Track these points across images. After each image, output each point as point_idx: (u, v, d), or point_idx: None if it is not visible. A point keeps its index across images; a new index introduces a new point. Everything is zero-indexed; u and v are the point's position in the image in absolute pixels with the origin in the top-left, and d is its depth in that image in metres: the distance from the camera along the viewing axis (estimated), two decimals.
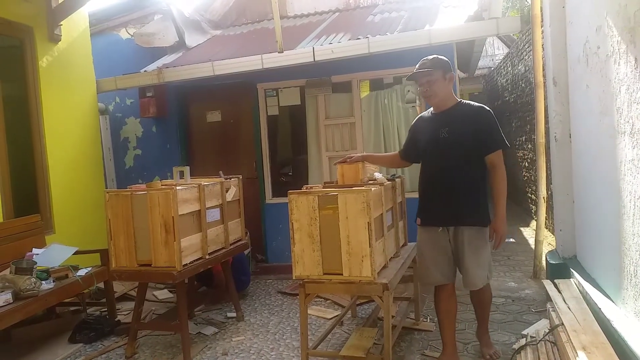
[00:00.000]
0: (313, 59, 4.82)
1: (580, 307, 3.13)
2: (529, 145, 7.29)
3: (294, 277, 2.98)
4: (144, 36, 6.02)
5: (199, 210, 3.69)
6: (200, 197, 3.69)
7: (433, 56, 2.99)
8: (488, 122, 2.89)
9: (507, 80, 9.49)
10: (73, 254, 4.10)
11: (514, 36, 10.85)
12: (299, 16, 6.95)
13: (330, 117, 5.62)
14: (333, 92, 5.56)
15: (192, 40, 6.28)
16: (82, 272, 3.97)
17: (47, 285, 3.62)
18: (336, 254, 2.86)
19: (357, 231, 2.80)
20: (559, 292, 3.53)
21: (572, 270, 3.76)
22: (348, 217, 2.82)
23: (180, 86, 5.95)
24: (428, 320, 3.84)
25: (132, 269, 3.47)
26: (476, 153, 2.88)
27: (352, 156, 3.43)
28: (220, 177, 4.20)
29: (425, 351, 3.31)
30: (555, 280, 3.76)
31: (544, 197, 4.68)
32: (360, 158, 3.41)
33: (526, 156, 7.71)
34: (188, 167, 4.22)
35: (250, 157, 5.98)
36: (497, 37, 12.82)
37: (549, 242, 5.57)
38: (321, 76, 5.51)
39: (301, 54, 4.88)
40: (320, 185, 3.44)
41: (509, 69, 9.18)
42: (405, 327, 3.66)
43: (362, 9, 6.69)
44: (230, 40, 6.38)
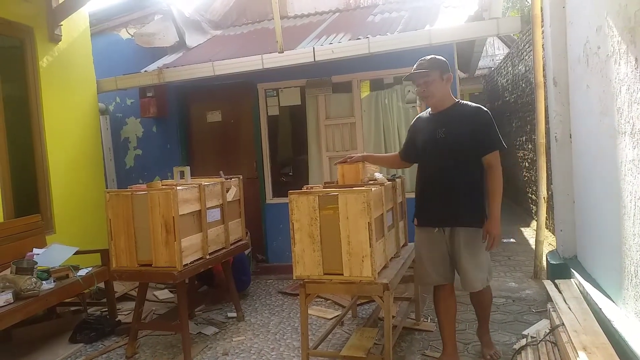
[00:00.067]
0: (313, 59, 4.82)
1: (581, 307, 3.13)
2: (530, 146, 7.29)
3: (294, 277, 2.98)
4: (144, 36, 6.02)
5: (200, 210, 3.70)
6: (200, 197, 3.70)
7: (431, 56, 2.98)
8: (485, 122, 2.88)
9: (507, 81, 9.49)
10: (73, 254, 4.10)
11: (514, 36, 10.84)
12: (299, 16, 6.95)
13: (331, 117, 5.62)
14: (333, 92, 5.57)
15: (193, 40, 6.28)
16: (82, 272, 3.98)
17: (48, 285, 3.63)
18: (336, 254, 2.86)
19: (357, 231, 2.80)
20: (560, 292, 3.53)
21: (572, 270, 3.76)
22: (348, 217, 2.82)
23: (181, 86, 5.95)
24: (429, 321, 3.84)
25: (132, 269, 3.47)
26: (473, 153, 2.87)
27: (353, 156, 3.42)
28: (220, 177, 4.20)
29: (426, 351, 3.31)
30: (556, 281, 3.76)
31: (544, 197, 4.68)
32: (360, 158, 3.40)
33: (526, 156, 7.71)
34: (188, 167, 4.21)
35: (250, 157, 5.98)
36: (498, 37, 12.82)
37: (549, 242, 5.57)
38: (321, 76, 5.52)
39: (301, 54, 4.89)
40: (320, 186, 3.44)
41: (509, 69, 9.17)
42: (406, 327, 3.66)
43: (363, 9, 6.69)
44: (231, 41, 6.38)
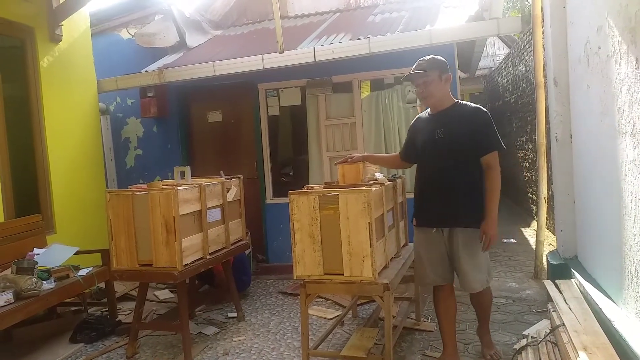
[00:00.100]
0: (314, 59, 4.82)
1: (581, 307, 3.13)
2: (530, 146, 7.29)
3: (294, 277, 2.98)
4: (144, 36, 6.02)
5: (200, 210, 3.70)
6: (201, 197, 3.70)
7: (430, 57, 2.97)
8: (484, 122, 2.86)
9: (507, 81, 9.49)
10: (74, 254, 4.10)
11: (514, 36, 10.85)
12: (299, 16, 6.95)
13: (331, 117, 5.62)
14: (334, 92, 5.57)
15: (193, 40, 6.29)
16: (83, 272, 3.98)
17: (48, 285, 3.63)
18: (337, 254, 2.86)
19: (357, 231, 2.80)
20: (560, 292, 3.53)
21: (573, 270, 3.76)
22: (349, 217, 2.82)
23: (181, 86, 5.95)
24: (429, 321, 3.84)
25: (133, 269, 3.47)
26: (472, 154, 2.85)
27: (353, 156, 3.42)
28: (221, 177, 4.20)
29: (426, 351, 3.31)
30: (556, 281, 3.76)
31: (544, 197, 4.68)
32: (361, 158, 3.40)
33: (527, 156, 7.71)
34: (189, 167, 4.22)
35: (251, 157, 5.98)
36: (498, 37, 12.83)
37: (549, 242, 5.57)
38: (322, 76, 5.52)
39: (302, 54, 4.89)
40: (321, 186, 3.44)
41: (510, 69, 9.17)
42: (406, 328, 3.66)
43: (363, 9, 6.69)
44: (231, 41, 6.38)
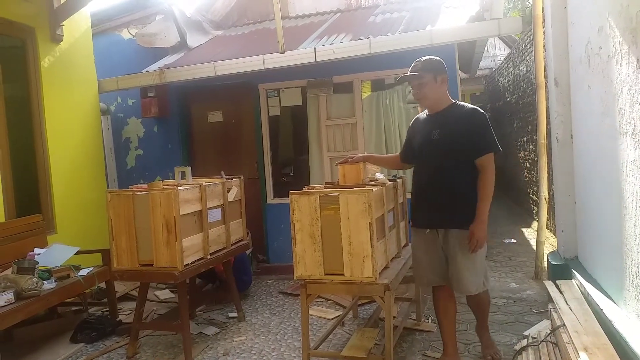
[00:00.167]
0: (314, 60, 4.83)
1: (582, 308, 3.13)
2: (531, 146, 7.28)
3: (295, 278, 2.98)
4: (145, 36, 6.03)
5: (201, 210, 3.70)
6: (201, 198, 3.70)
7: (425, 58, 2.96)
8: (480, 124, 2.84)
9: (508, 81, 9.48)
10: (75, 254, 4.10)
11: (515, 37, 10.85)
12: (300, 16, 6.96)
13: (332, 118, 5.62)
14: (334, 93, 5.57)
15: (194, 40, 6.29)
16: (83, 272, 3.98)
17: (49, 285, 3.63)
18: (337, 254, 2.86)
19: (358, 231, 2.80)
20: (561, 292, 3.53)
21: (573, 271, 3.76)
22: (349, 217, 2.82)
23: (182, 86, 5.95)
24: (429, 321, 3.84)
25: (133, 269, 3.47)
26: (467, 155, 2.84)
27: (354, 156, 3.42)
28: (221, 177, 4.20)
29: (427, 352, 3.31)
30: (557, 281, 3.75)
31: (545, 197, 4.68)
32: (361, 158, 3.40)
33: (528, 157, 7.70)
34: (190, 167, 4.22)
35: (251, 157, 5.98)
36: (499, 37, 12.81)
37: (550, 242, 5.56)
38: (323, 76, 5.52)
39: (303, 55, 4.89)
40: (321, 186, 3.44)
41: (511, 69, 9.17)
42: (407, 328, 3.66)
43: (364, 10, 6.70)
44: (232, 41, 6.39)
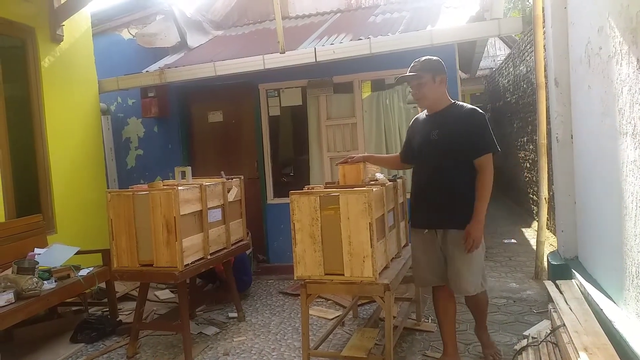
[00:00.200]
0: (315, 60, 4.83)
1: (582, 308, 3.13)
2: (531, 146, 7.28)
3: (295, 278, 2.98)
4: (145, 36, 6.03)
5: (201, 210, 3.70)
6: (201, 198, 3.70)
7: (424, 58, 2.96)
8: (479, 124, 2.84)
9: (508, 81, 9.48)
10: (75, 254, 4.10)
11: (515, 37, 10.85)
12: (300, 17, 6.96)
13: (332, 118, 5.62)
14: (334, 93, 5.57)
15: (194, 40, 6.29)
16: (83, 272, 3.98)
17: (49, 285, 3.63)
18: (337, 254, 2.86)
19: (358, 232, 2.80)
20: (561, 293, 3.53)
21: (573, 271, 3.76)
22: (349, 217, 2.82)
23: (182, 86, 5.96)
24: (429, 321, 3.84)
25: (133, 269, 3.47)
26: (466, 155, 2.83)
27: (354, 157, 3.42)
28: (221, 177, 4.20)
29: (427, 352, 3.31)
30: (557, 281, 3.75)
31: (545, 197, 4.68)
32: (361, 158, 3.39)
33: (528, 157, 7.70)
34: (190, 167, 4.22)
35: (251, 157, 5.98)
36: (499, 37, 12.81)
37: (550, 242, 5.56)
38: (323, 77, 5.52)
39: (303, 55, 4.89)
40: (321, 186, 3.44)
41: (511, 69, 9.17)
42: (407, 328, 3.66)
43: (364, 10, 6.70)
44: (232, 41, 6.39)
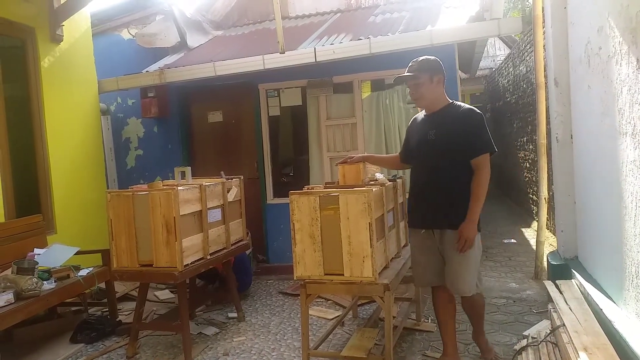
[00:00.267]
0: (314, 60, 4.83)
1: (582, 308, 3.13)
2: (531, 146, 7.28)
3: (295, 278, 2.98)
4: (145, 37, 6.03)
5: (201, 210, 3.70)
6: (201, 198, 3.70)
7: (422, 58, 2.95)
8: (476, 124, 2.83)
9: (508, 81, 9.48)
10: (74, 254, 4.10)
11: (515, 37, 10.85)
12: (300, 17, 6.95)
13: (332, 118, 5.62)
14: (334, 93, 5.57)
15: (194, 40, 6.29)
16: (83, 272, 3.98)
17: (49, 285, 3.63)
18: (337, 254, 2.86)
19: (358, 231, 2.80)
20: (561, 292, 3.53)
21: (573, 271, 3.76)
22: (349, 217, 2.82)
23: (182, 86, 5.96)
24: (429, 321, 3.84)
25: (133, 269, 3.47)
26: (463, 155, 2.82)
27: (353, 157, 3.41)
28: (221, 177, 4.20)
29: (427, 352, 3.31)
30: (557, 281, 3.75)
31: (545, 197, 4.68)
32: (361, 158, 3.39)
33: (527, 157, 7.70)
34: (189, 168, 4.22)
35: (251, 157, 5.98)
36: (499, 37, 12.81)
37: (550, 242, 5.56)
38: (322, 77, 5.52)
39: (303, 55, 4.89)
40: (321, 186, 3.44)
41: (511, 69, 9.17)
42: (407, 328, 3.66)
43: (364, 10, 6.69)
44: (232, 41, 6.39)
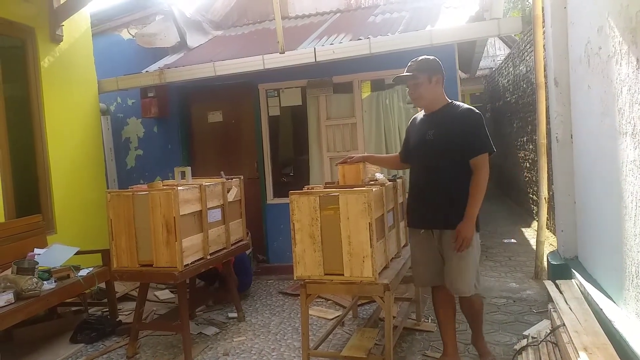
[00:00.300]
0: (314, 60, 4.83)
1: (582, 307, 3.13)
2: (531, 146, 7.28)
3: (295, 278, 2.98)
4: (145, 37, 6.03)
5: (201, 210, 3.70)
6: (201, 198, 3.70)
7: (421, 58, 2.95)
8: (475, 124, 2.82)
9: (508, 81, 9.48)
10: (74, 254, 4.10)
11: (515, 37, 10.85)
12: (300, 17, 6.96)
13: (332, 118, 5.62)
14: (334, 93, 5.56)
15: (194, 40, 6.29)
16: (83, 272, 3.98)
17: (49, 285, 3.63)
18: (337, 254, 2.86)
19: (358, 231, 2.80)
20: (561, 292, 3.53)
21: (573, 270, 3.76)
22: (349, 217, 2.82)
23: (182, 86, 5.96)
24: (429, 321, 3.84)
25: (133, 269, 3.47)
26: (461, 155, 2.81)
27: (353, 156, 3.41)
28: (221, 177, 4.20)
29: (427, 352, 3.31)
30: (557, 281, 3.75)
31: (545, 197, 4.68)
32: (361, 158, 3.39)
33: (527, 157, 7.70)
34: (189, 168, 4.22)
35: (251, 157, 5.98)
36: (499, 37, 12.82)
37: (550, 242, 5.56)
38: (322, 77, 5.52)
39: (302, 55, 4.89)
40: (321, 186, 3.44)
41: (510, 69, 9.17)
42: (407, 328, 3.66)
43: (364, 10, 6.70)
44: (232, 41, 6.39)
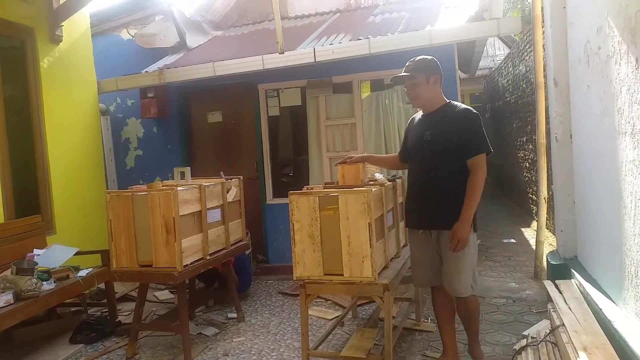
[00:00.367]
0: (314, 60, 4.82)
1: (581, 307, 3.13)
2: (530, 146, 7.28)
3: (294, 278, 2.98)
4: (145, 37, 6.03)
5: (200, 210, 3.70)
6: (201, 198, 3.70)
7: (419, 58, 2.95)
8: (472, 124, 2.81)
9: (508, 81, 9.49)
10: (74, 254, 4.10)
11: (514, 37, 10.86)
12: (299, 17, 6.95)
13: (331, 118, 5.62)
14: (334, 93, 5.56)
15: (193, 40, 6.29)
16: (83, 273, 3.98)
17: (48, 285, 3.63)
18: (337, 254, 2.86)
19: (357, 232, 2.80)
20: (560, 292, 3.53)
21: (573, 270, 3.76)
22: (349, 217, 2.82)
23: (182, 87, 5.95)
24: (429, 321, 3.84)
25: (133, 269, 3.47)
26: (459, 155, 2.81)
27: (353, 157, 3.41)
28: (221, 177, 4.20)
29: (426, 352, 3.31)
30: (556, 281, 3.76)
31: (545, 197, 4.68)
32: (360, 159, 3.38)
33: (527, 157, 7.70)
34: (189, 168, 4.21)
35: (251, 157, 5.98)
36: (498, 37, 12.82)
37: (549, 242, 5.57)
38: (322, 77, 5.52)
39: (302, 55, 4.89)
40: (321, 186, 3.44)
41: (510, 69, 9.17)
42: (406, 328, 3.66)
43: (363, 10, 6.69)
44: (231, 41, 6.39)
